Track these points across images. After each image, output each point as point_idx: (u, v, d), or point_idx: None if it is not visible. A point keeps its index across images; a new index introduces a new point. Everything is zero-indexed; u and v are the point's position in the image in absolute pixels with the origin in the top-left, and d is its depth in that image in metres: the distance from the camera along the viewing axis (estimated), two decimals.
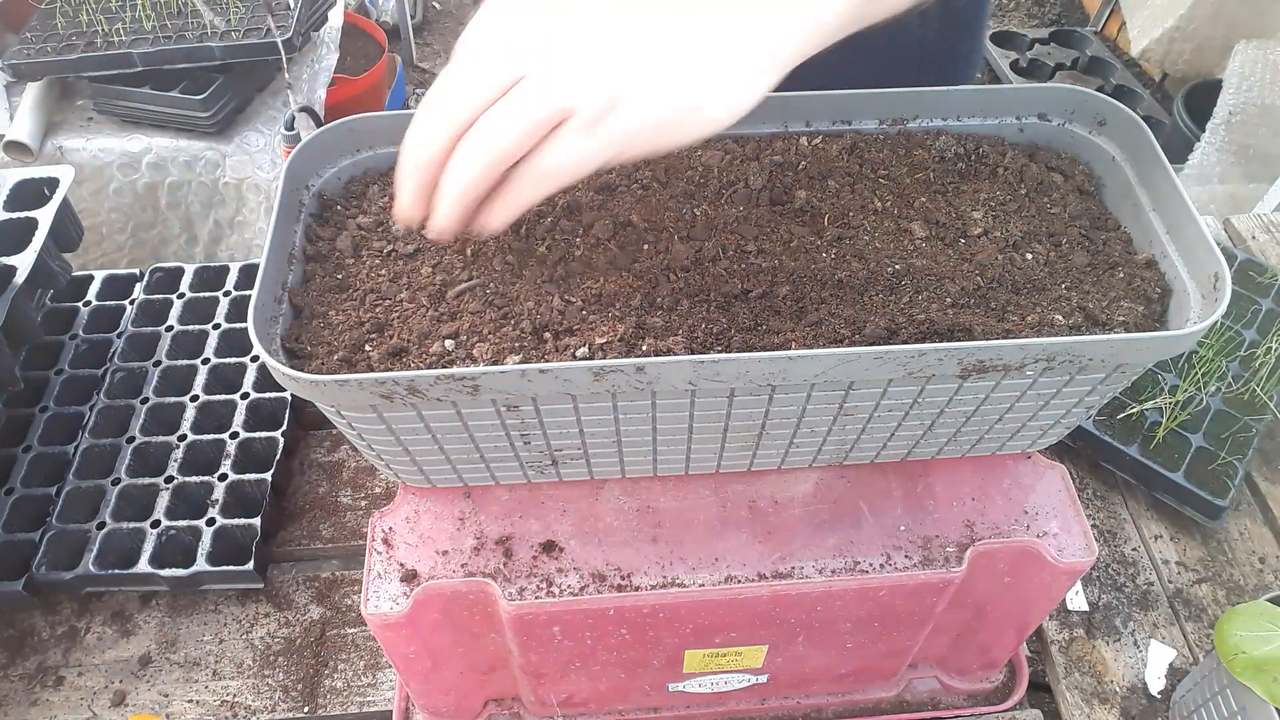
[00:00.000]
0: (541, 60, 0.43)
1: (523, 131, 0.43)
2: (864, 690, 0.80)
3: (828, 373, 0.48)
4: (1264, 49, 2.14)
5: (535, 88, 0.42)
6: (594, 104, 0.42)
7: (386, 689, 0.80)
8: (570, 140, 0.43)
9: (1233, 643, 0.66)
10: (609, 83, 0.42)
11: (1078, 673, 0.81)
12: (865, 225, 0.59)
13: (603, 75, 0.42)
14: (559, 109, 0.42)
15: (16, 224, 0.88)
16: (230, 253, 1.79)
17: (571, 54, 0.43)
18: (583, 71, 0.42)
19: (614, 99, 0.42)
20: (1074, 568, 0.61)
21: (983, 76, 3.05)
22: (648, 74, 0.42)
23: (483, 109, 0.44)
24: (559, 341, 0.51)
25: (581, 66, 0.42)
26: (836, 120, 0.64)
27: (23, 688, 0.79)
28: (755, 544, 0.61)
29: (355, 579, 0.87)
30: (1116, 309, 0.54)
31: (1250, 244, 1.18)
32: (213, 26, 1.60)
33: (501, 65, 0.43)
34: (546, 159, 0.43)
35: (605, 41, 0.43)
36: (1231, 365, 0.98)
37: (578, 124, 0.42)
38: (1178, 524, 0.91)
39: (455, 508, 0.63)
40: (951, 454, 0.63)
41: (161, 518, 0.84)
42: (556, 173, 0.43)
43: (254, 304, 0.49)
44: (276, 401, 0.94)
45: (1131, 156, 0.60)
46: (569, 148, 0.43)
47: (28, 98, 1.64)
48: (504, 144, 0.43)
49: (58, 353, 0.98)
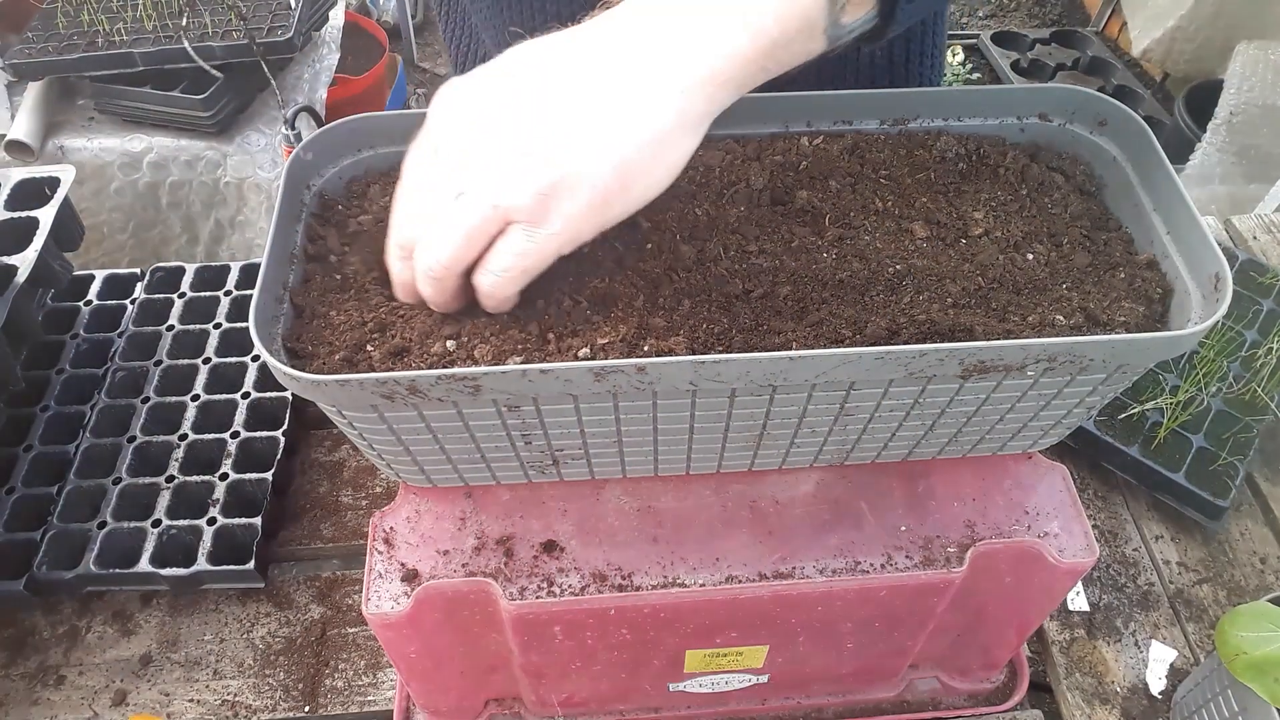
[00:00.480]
0: (473, 172, 0.46)
1: (457, 243, 0.46)
2: (865, 690, 0.80)
3: (829, 373, 0.48)
4: (1265, 49, 2.14)
5: (468, 201, 0.45)
6: (526, 204, 0.44)
7: (387, 689, 0.80)
8: (514, 240, 0.45)
9: (1234, 643, 0.66)
10: (537, 179, 0.44)
11: (1078, 673, 0.81)
12: (866, 225, 0.59)
13: (529, 173, 0.44)
14: (498, 216, 0.45)
15: (17, 223, 0.88)
16: (231, 252, 1.79)
17: (497, 160, 0.45)
18: (509, 176, 0.44)
19: (544, 194, 0.44)
20: (1075, 568, 0.61)
21: (983, 77, 3.05)
22: (574, 157, 0.44)
23: None
24: (562, 343, 0.51)
25: (507, 171, 0.45)
26: (837, 120, 0.64)
27: (23, 687, 0.80)
28: (756, 544, 0.61)
29: (356, 579, 0.87)
30: (1117, 309, 0.54)
31: (1251, 244, 1.18)
32: (213, 28, 1.60)
33: (441, 187, 0.47)
34: (493, 262, 0.46)
35: (528, 136, 0.45)
36: (1233, 366, 0.98)
37: (519, 224, 0.45)
38: (1179, 524, 0.91)
39: (456, 507, 0.63)
40: (952, 454, 0.63)
41: (162, 517, 0.84)
42: (510, 271, 0.46)
43: (255, 303, 0.49)
44: (277, 401, 0.94)
45: (1133, 157, 0.60)
46: (514, 248, 0.46)
47: (29, 97, 1.64)
48: (441, 256, 0.47)
49: (58, 352, 0.98)
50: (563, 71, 0.46)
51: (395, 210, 0.51)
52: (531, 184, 0.44)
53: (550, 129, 0.45)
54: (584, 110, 0.45)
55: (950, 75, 3.02)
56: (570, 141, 0.44)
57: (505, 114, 0.45)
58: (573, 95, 0.45)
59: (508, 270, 0.46)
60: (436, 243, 0.47)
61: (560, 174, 0.44)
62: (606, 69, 0.45)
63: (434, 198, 0.47)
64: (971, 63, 3.11)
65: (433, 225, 0.47)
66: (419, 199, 0.49)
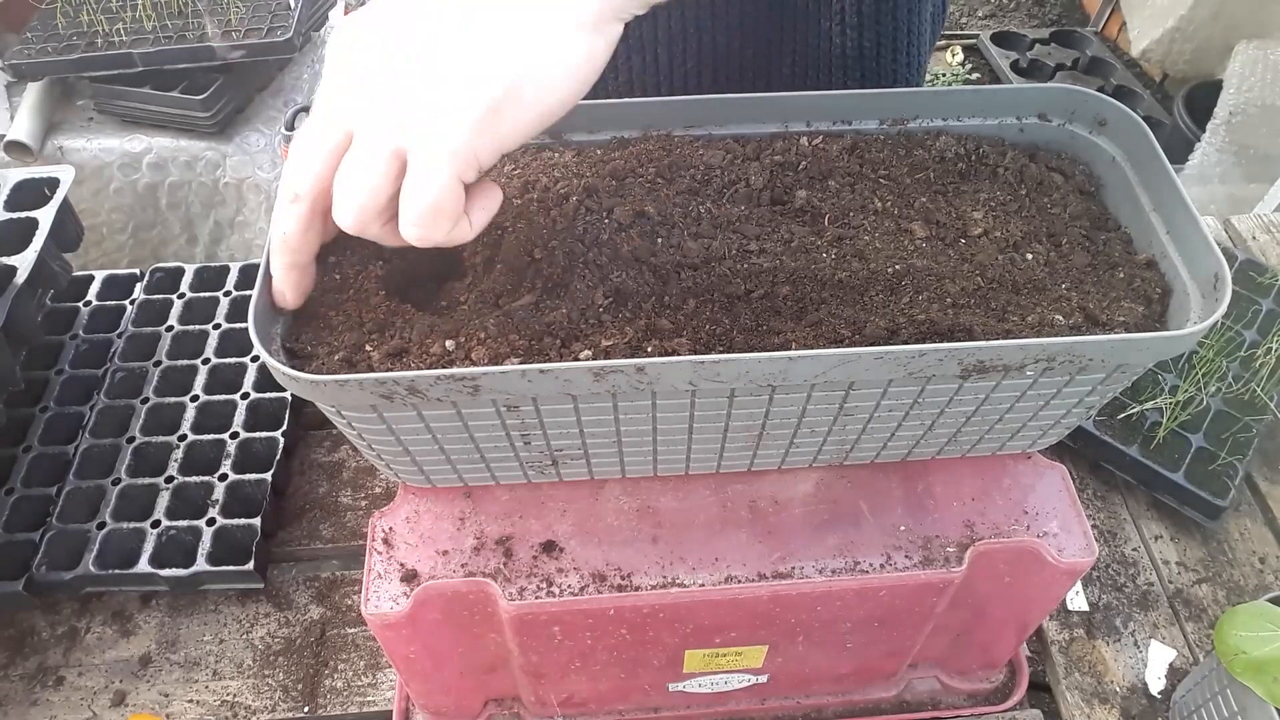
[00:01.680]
0: (362, 112, 0.44)
1: (369, 182, 0.43)
2: (864, 690, 0.80)
3: (828, 373, 0.48)
4: (1264, 49, 2.14)
5: (362, 142, 0.44)
6: (415, 130, 0.42)
7: (386, 689, 0.80)
8: (418, 167, 0.43)
9: (1233, 643, 0.66)
10: (419, 106, 0.42)
11: (1078, 673, 0.81)
12: (865, 225, 0.59)
13: (412, 102, 0.42)
14: (390, 151, 0.43)
15: (17, 224, 0.88)
16: (230, 253, 1.79)
17: (384, 94, 0.43)
18: (395, 107, 0.43)
19: (432, 114, 0.42)
20: (1074, 568, 0.61)
21: (983, 77, 3.05)
22: (456, 77, 0.42)
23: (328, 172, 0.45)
24: (565, 346, 0.51)
25: (392, 104, 0.43)
26: (837, 120, 0.64)
27: (23, 688, 0.79)
28: (755, 544, 0.61)
29: (355, 579, 0.87)
30: (1117, 309, 0.54)
31: (1250, 244, 1.18)
32: (214, 28, 1.60)
33: (335, 127, 0.45)
34: (410, 193, 0.43)
35: (409, 69, 0.43)
36: (1232, 366, 0.98)
37: (416, 154, 0.43)
38: (1178, 524, 0.91)
39: (455, 508, 0.63)
40: (952, 454, 0.63)
41: (161, 518, 0.84)
42: (423, 213, 0.44)
43: (254, 304, 0.49)
44: (276, 401, 0.94)
45: (1132, 157, 0.60)
46: (422, 173, 0.43)
47: (28, 98, 1.64)
48: (359, 199, 0.44)
49: (58, 353, 0.98)
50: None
51: (292, 156, 0.48)
52: (418, 110, 0.42)
53: (435, 49, 0.43)
54: (466, 25, 0.43)
55: (949, 75, 3.02)
56: (452, 57, 0.43)
57: (386, 42, 0.44)
58: (454, 12, 0.44)
59: (419, 214, 0.44)
60: (347, 188, 0.45)
61: (447, 97, 0.42)
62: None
63: (325, 147, 0.45)
64: (971, 63, 3.11)
65: (339, 174, 0.45)
66: (310, 142, 0.46)
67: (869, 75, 0.79)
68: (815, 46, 0.75)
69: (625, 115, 0.64)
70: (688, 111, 0.64)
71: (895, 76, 0.81)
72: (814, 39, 0.75)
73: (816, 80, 0.78)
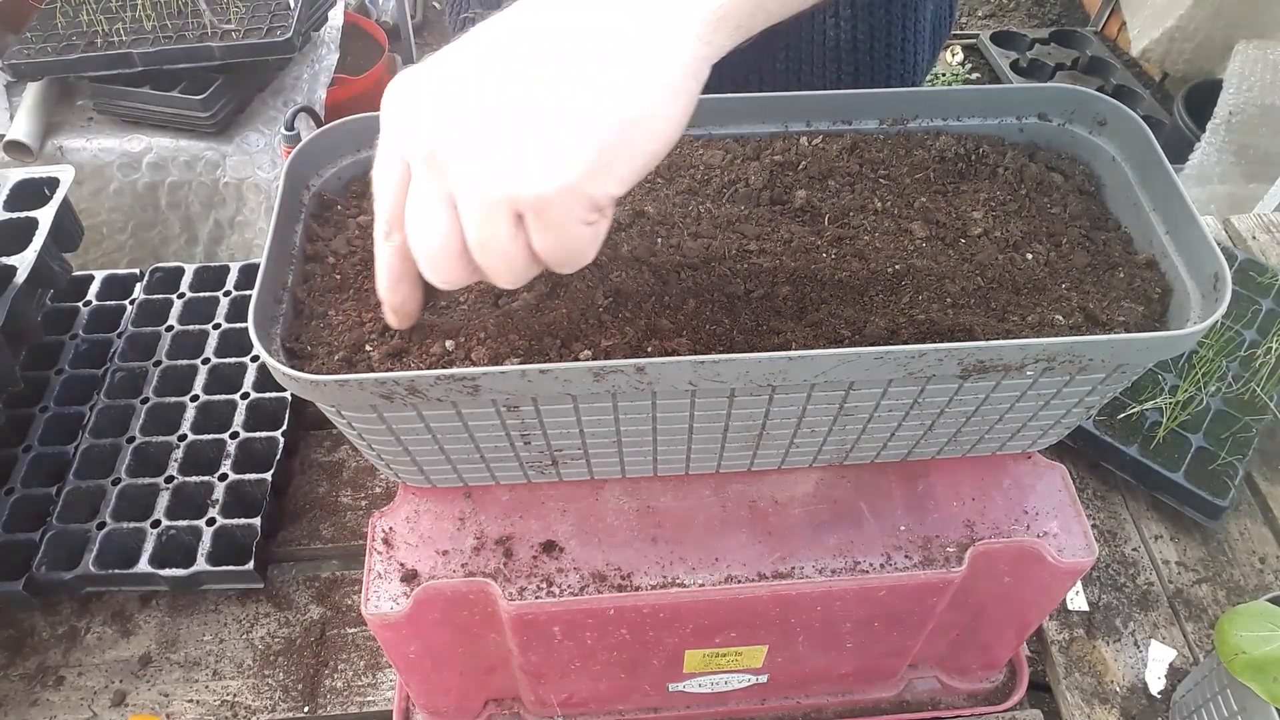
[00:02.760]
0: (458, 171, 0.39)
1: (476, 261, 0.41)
2: (864, 690, 0.80)
3: (828, 373, 0.48)
4: (1264, 49, 2.14)
5: (470, 206, 0.40)
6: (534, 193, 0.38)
7: (386, 689, 0.80)
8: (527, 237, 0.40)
9: (1233, 643, 0.66)
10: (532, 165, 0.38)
11: (1078, 673, 0.81)
12: (865, 225, 0.59)
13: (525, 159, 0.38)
14: (511, 211, 0.39)
15: (16, 224, 0.88)
16: (230, 253, 1.79)
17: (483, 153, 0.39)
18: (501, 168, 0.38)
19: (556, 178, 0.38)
20: (1074, 567, 0.61)
21: (982, 77, 3.05)
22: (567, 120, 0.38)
23: None
24: (565, 346, 0.51)
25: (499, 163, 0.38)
26: (836, 120, 0.64)
27: (23, 688, 0.79)
28: (755, 544, 0.61)
29: (355, 579, 0.87)
30: (1117, 309, 0.54)
31: (1250, 244, 1.18)
32: (213, 26, 1.60)
33: (425, 184, 0.41)
34: (558, 254, 0.41)
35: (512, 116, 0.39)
36: (1232, 365, 0.98)
37: (526, 214, 0.39)
38: (1178, 524, 0.91)
39: (455, 508, 0.62)
40: (952, 454, 0.63)
41: (161, 518, 0.84)
42: (571, 260, 0.42)
43: (254, 304, 0.49)
44: (276, 401, 0.94)
45: (1132, 156, 0.60)
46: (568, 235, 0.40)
47: (28, 98, 1.64)
48: (450, 278, 0.42)
49: (58, 353, 0.98)
50: (543, 35, 0.40)
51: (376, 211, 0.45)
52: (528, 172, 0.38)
53: (544, 98, 0.38)
54: (575, 73, 0.39)
55: (949, 75, 3.02)
56: (565, 113, 0.38)
57: (473, 97, 0.39)
58: (561, 57, 0.39)
59: (569, 260, 0.41)
60: (442, 264, 0.42)
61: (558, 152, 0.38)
62: (589, 26, 0.40)
63: (422, 206, 0.41)
64: (971, 62, 3.11)
65: (428, 238, 0.42)
66: (409, 211, 0.43)
67: (862, 69, 0.79)
68: (809, 40, 0.75)
69: None
70: None
71: (889, 71, 0.80)
72: (807, 32, 0.75)
73: (810, 74, 0.78)
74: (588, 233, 0.41)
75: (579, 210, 0.39)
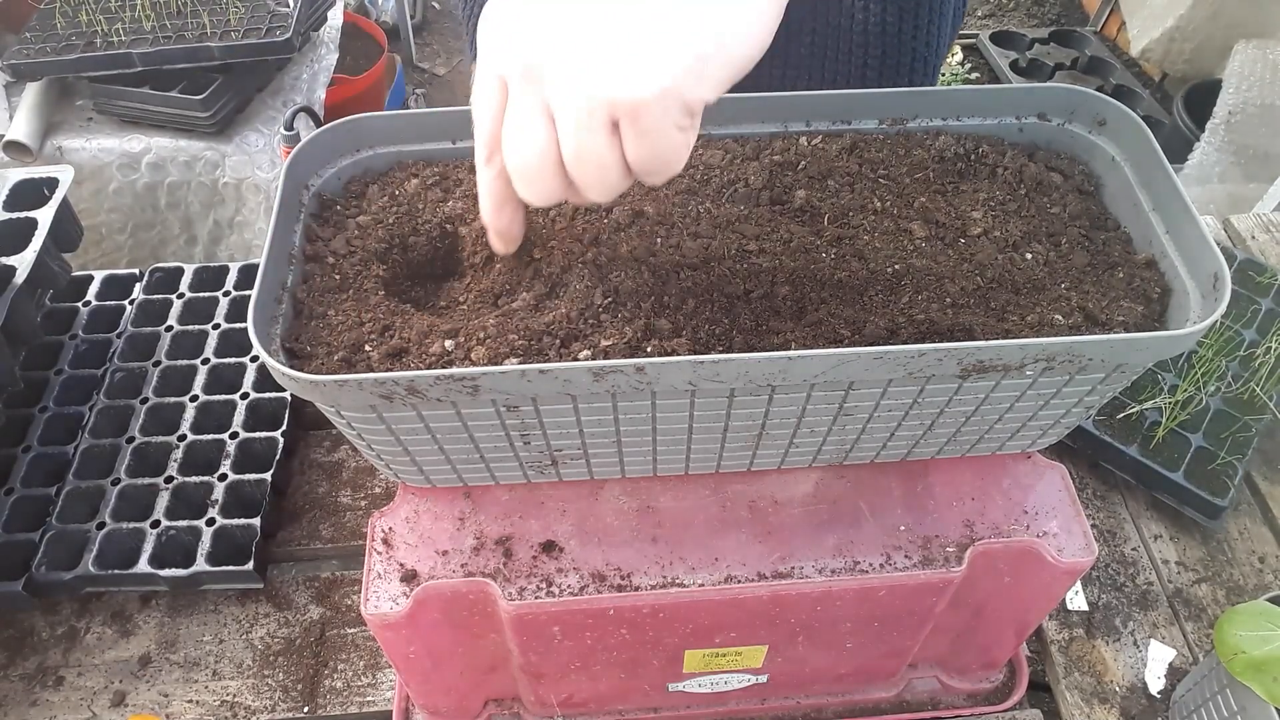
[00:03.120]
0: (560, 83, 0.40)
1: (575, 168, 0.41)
2: (864, 690, 0.80)
3: (827, 373, 0.48)
4: (1264, 49, 2.14)
5: (567, 114, 0.40)
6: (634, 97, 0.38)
7: (386, 689, 0.80)
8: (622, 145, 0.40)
9: (1232, 642, 0.66)
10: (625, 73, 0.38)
11: (1078, 672, 0.81)
12: (865, 225, 0.59)
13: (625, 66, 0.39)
14: (610, 115, 0.40)
15: (16, 224, 0.88)
16: (230, 253, 1.79)
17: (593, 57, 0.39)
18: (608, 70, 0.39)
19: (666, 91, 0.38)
20: (1074, 567, 0.61)
21: (982, 76, 3.05)
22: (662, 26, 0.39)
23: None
24: (564, 346, 0.51)
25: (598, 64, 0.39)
26: (836, 120, 0.64)
27: (22, 688, 0.79)
28: (755, 544, 0.61)
29: (355, 579, 0.87)
30: (1116, 309, 0.54)
31: (1250, 244, 1.18)
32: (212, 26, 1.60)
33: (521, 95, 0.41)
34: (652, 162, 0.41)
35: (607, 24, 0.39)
36: (1231, 365, 0.98)
37: (621, 120, 0.39)
38: (1178, 524, 0.91)
39: (455, 508, 0.63)
40: (951, 454, 0.63)
41: (161, 518, 0.84)
42: (663, 169, 0.42)
43: (254, 304, 0.49)
44: (276, 401, 0.94)
45: (1131, 156, 0.60)
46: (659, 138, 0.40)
47: (27, 98, 1.64)
48: (550, 191, 0.42)
49: (57, 353, 0.98)
50: None
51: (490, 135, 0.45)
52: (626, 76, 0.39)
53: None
54: None
55: (949, 75, 3.02)
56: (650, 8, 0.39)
57: (566, 8, 0.40)
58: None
59: (661, 161, 0.41)
60: (538, 179, 0.42)
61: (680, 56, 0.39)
62: None
63: (523, 119, 0.41)
64: (970, 62, 3.11)
65: (525, 152, 0.42)
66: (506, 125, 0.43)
67: (889, 52, 0.78)
68: (835, 24, 0.73)
69: None
70: None
71: (914, 56, 0.79)
72: (834, 16, 0.74)
73: (836, 58, 0.77)
74: (680, 139, 0.41)
75: (674, 115, 0.39)
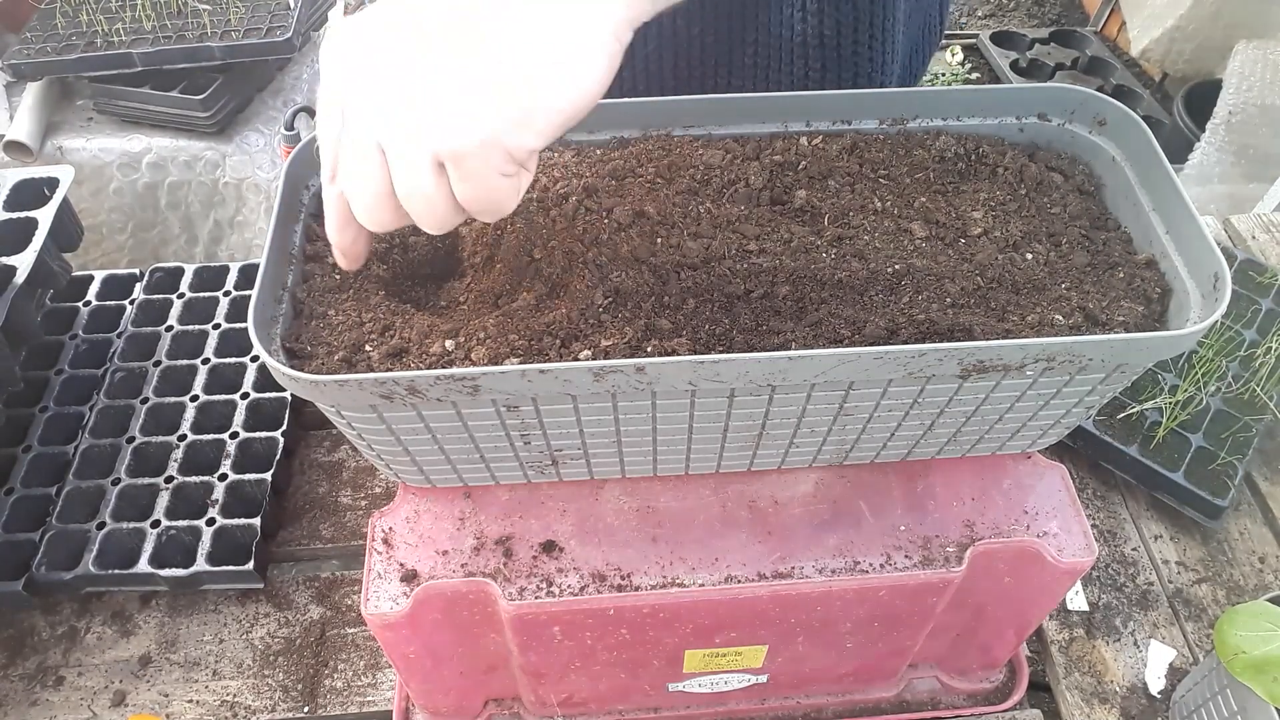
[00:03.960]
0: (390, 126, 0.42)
1: (402, 208, 0.43)
2: (864, 690, 0.80)
3: (828, 373, 0.48)
4: (1264, 49, 2.14)
5: (398, 159, 0.42)
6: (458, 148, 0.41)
7: (386, 689, 0.80)
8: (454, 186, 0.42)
9: (1233, 642, 0.66)
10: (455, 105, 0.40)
11: (1078, 673, 0.81)
12: (865, 225, 0.59)
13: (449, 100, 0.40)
14: (433, 163, 0.42)
15: (16, 224, 0.88)
16: (230, 253, 1.79)
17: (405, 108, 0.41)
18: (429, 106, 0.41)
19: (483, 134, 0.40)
20: (1074, 567, 0.61)
21: (982, 77, 3.05)
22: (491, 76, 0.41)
23: None
24: (565, 346, 0.51)
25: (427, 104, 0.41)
26: (836, 120, 0.64)
27: (23, 688, 0.79)
28: (755, 544, 0.61)
29: (355, 579, 0.87)
30: (1116, 309, 0.54)
31: (1250, 244, 1.18)
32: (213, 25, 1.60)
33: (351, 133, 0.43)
34: (479, 203, 0.43)
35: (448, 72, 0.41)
36: (1231, 365, 0.98)
37: (447, 164, 0.41)
38: (1178, 524, 0.91)
39: (455, 508, 0.62)
40: (951, 454, 0.63)
41: (161, 518, 0.84)
42: (491, 209, 0.43)
43: (254, 304, 0.49)
44: (276, 401, 0.94)
45: (1131, 156, 0.60)
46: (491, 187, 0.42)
47: (28, 98, 1.64)
48: (380, 221, 0.44)
49: (58, 353, 0.98)
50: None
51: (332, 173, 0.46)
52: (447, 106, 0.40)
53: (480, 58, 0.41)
54: (496, 29, 0.41)
55: (949, 75, 3.02)
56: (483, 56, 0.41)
57: (400, 53, 0.42)
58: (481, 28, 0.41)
59: (486, 203, 0.43)
60: (374, 210, 0.44)
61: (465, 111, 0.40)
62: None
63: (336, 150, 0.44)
64: (970, 62, 3.11)
65: (360, 186, 0.44)
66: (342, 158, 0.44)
67: (829, 64, 0.79)
68: (776, 34, 0.75)
69: (625, 115, 0.64)
70: (687, 111, 0.64)
71: (857, 68, 0.80)
72: (774, 26, 0.75)
73: (778, 68, 0.78)
74: (506, 184, 0.43)
75: (496, 162, 0.41)
